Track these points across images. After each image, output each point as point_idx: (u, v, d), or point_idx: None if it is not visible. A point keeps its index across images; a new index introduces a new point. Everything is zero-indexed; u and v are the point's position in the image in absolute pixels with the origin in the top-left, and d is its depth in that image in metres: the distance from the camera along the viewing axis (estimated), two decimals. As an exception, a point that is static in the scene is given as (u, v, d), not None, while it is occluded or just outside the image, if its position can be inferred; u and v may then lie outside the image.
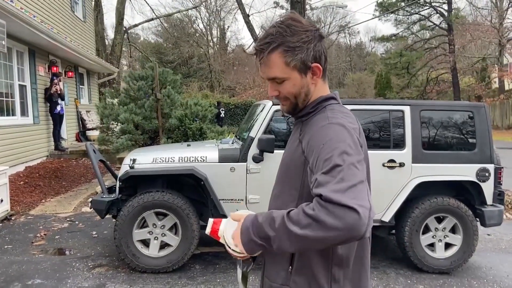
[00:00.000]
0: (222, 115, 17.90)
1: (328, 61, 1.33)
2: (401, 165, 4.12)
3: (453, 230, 4.22)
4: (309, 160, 1.19)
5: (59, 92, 9.69)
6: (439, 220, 4.21)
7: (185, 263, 4.12)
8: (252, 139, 4.06)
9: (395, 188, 4.13)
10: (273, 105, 4.09)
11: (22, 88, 8.84)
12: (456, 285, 3.96)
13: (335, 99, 1.33)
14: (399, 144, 4.16)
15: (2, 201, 5.83)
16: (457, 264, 4.18)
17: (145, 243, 4.10)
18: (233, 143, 4.55)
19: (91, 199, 4.31)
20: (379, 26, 72.66)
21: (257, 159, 4.00)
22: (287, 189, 1.31)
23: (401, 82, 34.28)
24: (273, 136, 3.85)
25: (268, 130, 4.11)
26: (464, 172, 4.15)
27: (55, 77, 9.76)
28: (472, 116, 4.22)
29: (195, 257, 4.39)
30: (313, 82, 1.30)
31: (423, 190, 4.18)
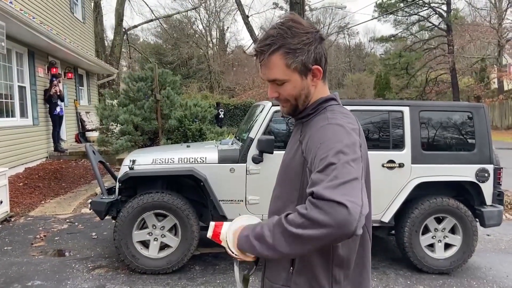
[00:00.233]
0: (221, 116, 17.89)
1: (328, 63, 1.33)
2: (401, 165, 4.12)
3: (452, 231, 4.22)
4: (308, 161, 1.20)
5: (59, 94, 9.69)
6: (439, 221, 4.22)
7: (185, 264, 4.12)
8: (252, 140, 4.06)
9: (395, 188, 4.13)
10: (273, 106, 4.10)
11: (21, 89, 8.84)
12: (455, 285, 3.96)
13: (335, 100, 1.34)
14: (399, 145, 4.17)
15: (1, 202, 5.82)
16: (456, 265, 4.18)
17: (145, 244, 4.10)
18: (232, 144, 4.55)
19: (90, 200, 4.30)
20: (378, 27, 72.84)
21: (257, 160, 4.00)
22: (287, 190, 1.32)
23: (400, 82, 34.30)
24: (272, 137, 3.85)
25: (267, 131, 4.11)
26: (464, 172, 4.15)
27: (54, 78, 9.76)
28: (471, 117, 4.22)
29: (194, 258, 4.39)
30: (313, 84, 1.30)
31: (423, 191, 4.18)
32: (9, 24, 7.13)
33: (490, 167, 4.17)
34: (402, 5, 30.89)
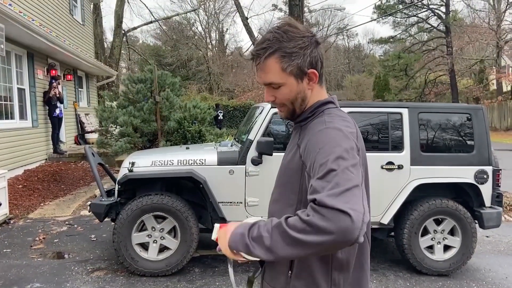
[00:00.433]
0: (220, 117, 17.88)
1: (324, 66, 1.33)
2: (400, 167, 4.13)
3: (451, 232, 4.23)
4: (306, 165, 1.20)
5: (58, 95, 9.69)
6: (438, 222, 4.22)
7: (184, 266, 4.11)
8: (251, 142, 4.07)
9: (394, 190, 4.14)
10: (272, 107, 4.10)
11: (20, 91, 8.84)
12: (455, 287, 3.96)
13: (333, 103, 1.34)
14: (398, 147, 4.17)
15: (0, 204, 5.81)
16: (456, 266, 4.18)
17: (144, 246, 4.10)
18: (232, 145, 4.55)
19: (90, 203, 4.30)
20: (377, 28, 73.03)
21: (256, 162, 4.00)
22: (286, 194, 1.32)
23: (399, 84, 34.35)
24: (272, 139, 3.85)
25: (267, 133, 4.11)
26: (463, 174, 4.16)
27: (54, 80, 9.76)
28: (470, 118, 4.23)
29: (194, 260, 4.38)
30: (310, 87, 1.31)
31: (422, 192, 4.19)
32: (8, 26, 7.13)
33: (489, 169, 4.17)
34: (401, 6, 30.97)
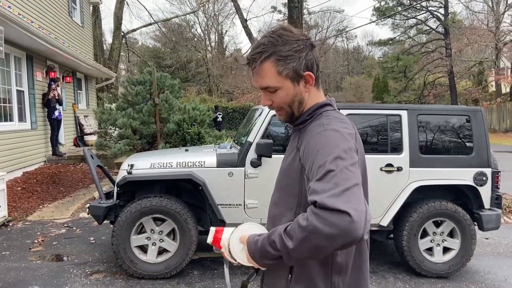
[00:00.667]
0: (219, 119, 17.82)
1: (320, 69, 1.34)
2: (399, 169, 4.13)
3: (451, 234, 4.23)
4: (305, 168, 1.20)
5: (57, 97, 9.68)
6: (437, 224, 4.22)
7: (183, 268, 4.11)
8: (250, 144, 4.06)
9: (393, 192, 4.14)
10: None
11: (19, 93, 8.83)
12: (454, 289, 3.96)
13: (331, 105, 1.34)
14: (397, 149, 4.17)
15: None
16: (455, 269, 4.18)
17: (143, 249, 4.09)
18: (231, 147, 4.55)
19: (88, 205, 4.29)
20: (376, 30, 73.11)
21: (255, 164, 4.00)
22: (286, 197, 1.32)
23: (398, 85, 34.38)
24: (271, 141, 3.85)
25: (266, 135, 4.11)
26: (462, 176, 4.16)
27: (53, 82, 9.75)
28: (469, 120, 4.24)
29: (193, 262, 4.38)
30: (306, 90, 1.31)
31: (421, 194, 4.19)
32: (7, 29, 7.13)
33: (488, 171, 4.17)
34: (399, 8, 31.03)
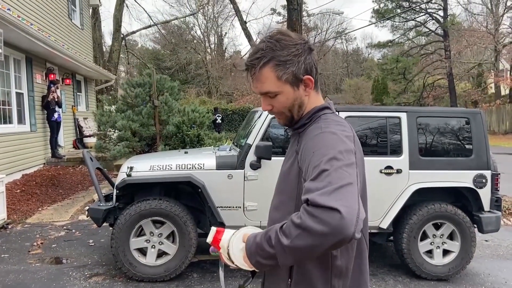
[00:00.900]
0: (218, 121, 17.77)
1: (318, 72, 1.33)
2: (399, 171, 4.12)
3: (451, 237, 4.22)
4: (302, 170, 1.20)
5: (57, 100, 9.67)
6: (437, 227, 4.21)
7: (183, 271, 4.10)
8: (250, 146, 4.06)
9: (393, 194, 4.13)
10: (270, 112, 4.09)
11: (19, 95, 8.82)
12: (454, 292, 3.95)
13: (329, 108, 1.34)
14: (396, 151, 4.17)
15: (-2, 209, 5.80)
16: (455, 271, 4.17)
17: (142, 251, 4.08)
18: (230, 150, 4.54)
19: (88, 207, 4.29)
20: (375, 32, 73.30)
21: (255, 166, 4.00)
22: (285, 201, 1.32)
23: (397, 87, 34.42)
24: (270, 143, 3.85)
25: (265, 137, 4.11)
26: (461, 178, 4.16)
27: (52, 85, 9.75)
28: (468, 122, 4.24)
29: (192, 265, 4.37)
30: (306, 94, 1.31)
31: (421, 197, 4.18)
32: (7, 31, 7.13)
33: (487, 173, 4.17)
34: (399, 11, 31.10)
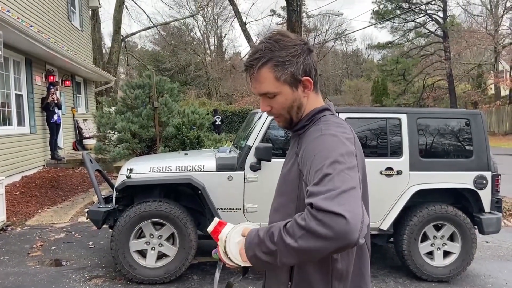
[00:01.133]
0: (218, 122, 17.73)
1: (318, 73, 1.32)
2: (399, 173, 4.12)
3: (451, 238, 4.21)
4: (303, 173, 1.19)
5: (56, 101, 9.67)
6: (438, 228, 4.20)
7: (183, 273, 4.08)
8: (250, 148, 4.05)
9: (393, 196, 4.12)
10: (270, 113, 4.08)
11: (18, 97, 8.82)
12: (455, 293, 3.94)
13: (329, 110, 1.33)
14: (397, 152, 4.16)
15: (-2, 211, 5.78)
16: (456, 272, 4.16)
17: (142, 253, 4.07)
18: (230, 151, 4.54)
19: (88, 209, 4.28)
20: (375, 33, 73.47)
21: (255, 168, 3.99)
22: (285, 203, 1.31)
23: (397, 88, 34.45)
24: (270, 145, 3.84)
25: (265, 139, 4.10)
26: (462, 179, 4.15)
27: (52, 86, 9.74)
28: (468, 124, 4.23)
29: (192, 267, 4.35)
30: (305, 95, 1.30)
31: (421, 198, 4.17)
32: (6, 33, 7.13)
33: (488, 174, 4.16)
34: (398, 12, 31.14)
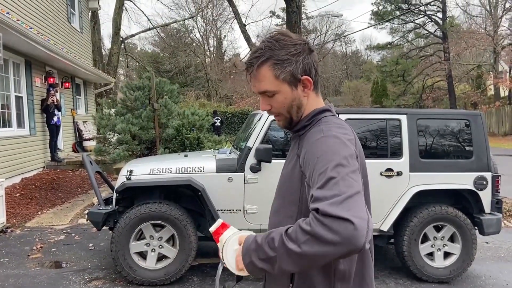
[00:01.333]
0: (217, 124, 17.69)
1: (319, 74, 1.32)
2: (399, 174, 4.11)
3: (451, 239, 4.21)
4: (305, 175, 1.19)
5: (56, 103, 9.67)
6: (438, 229, 4.20)
7: (183, 275, 4.08)
8: (250, 149, 4.05)
9: (393, 197, 4.12)
10: (270, 115, 4.08)
11: (18, 99, 8.82)
12: (456, 294, 3.94)
13: (330, 111, 1.32)
14: (397, 153, 4.16)
15: (-3, 213, 5.78)
16: (456, 273, 4.16)
17: (142, 255, 4.06)
18: (230, 153, 4.54)
19: (88, 211, 4.27)
20: (374, 34, 73.56)
21: (255, 169, 3.99)
22: (286, 204, 1.30)
23: (397, 89, 34.47)
24: (270, 146, 3.84)
25: (265, 140, 4.10)
26: (462, 180, 4.15)
27: (51, 88, 9.75)
28: (468, 125, 4.23)
29: (193, 268, 4.35)
30: (305, 94, 1.30)
31: (421, 199, 4.17)
32: (6, 35, 7.13)
33: (488, 175, 4.16)
34: (398, 13, 31.17)
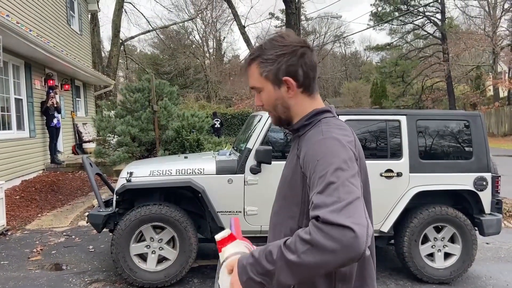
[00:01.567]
0: (217, 125, 17.66)
1: (314, 76, 1.31)
2: (399, 174, 4.12)
3: (452, 240, 4.21)
4: (306, 176, 1.19)
5: (56, 105, 9.67)
6: (438, 230, 4.20)
7: (183, 277, 4.07)
8: (250, 151, 4.05)
9: (393, 198, 4.12)
10: (270, 116, 4.09)
11: (18, 101, 8.82)
12: (456, 295, 3.94)
13: (330, 112, 1.33)
14: (396, 154, 4.17)
15: (-3, 216, 5.77)
16: (456, 274, 4.16)
17: (143, 257, 4.06)
18: (230, 154, 4.54)
19: (88, 213, 4.27)
20: (373, 35, 73.66)
21: (255, 171, 3.99)
22: (287, 205, 1.30)
23: (396, 90, 34.50)
24: (270, 147, 3.85)
25: (265, 141, 4.10)
26: (462, 181, 4.15)
27: (51, 90, 9.75)
28: (468, 125, 4.24)
29: (193, 270, 4.34)
30: (290, 95, 1.31)
31: (421, 200, 4.17)
32: (6, 37, 7.14)
33: (488, 176, 4.17)
34: (397, 14, 31.21)
